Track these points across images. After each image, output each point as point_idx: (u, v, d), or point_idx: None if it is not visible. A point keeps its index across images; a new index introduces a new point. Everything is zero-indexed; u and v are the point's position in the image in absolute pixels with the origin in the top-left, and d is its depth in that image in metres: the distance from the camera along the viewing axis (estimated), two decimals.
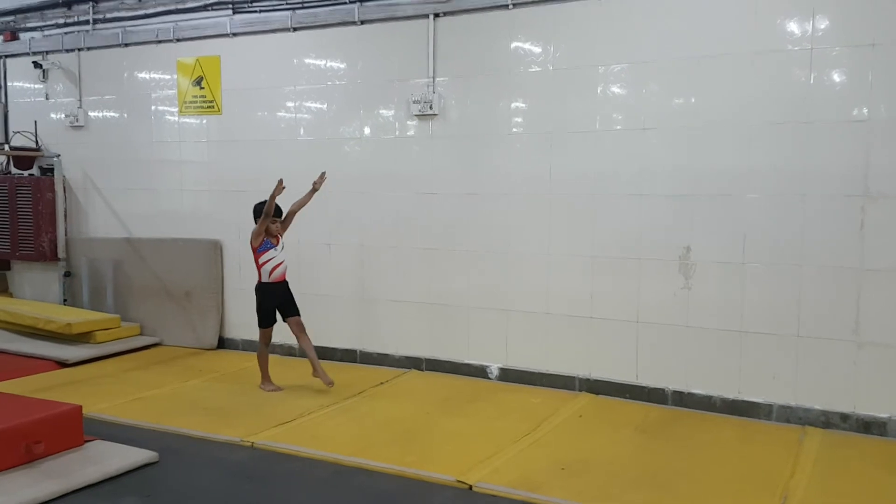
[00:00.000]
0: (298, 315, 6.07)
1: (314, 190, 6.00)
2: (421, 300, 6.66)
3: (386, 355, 6.88)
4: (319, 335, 7.16)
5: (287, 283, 6.15)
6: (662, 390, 5.67)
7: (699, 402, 5.52)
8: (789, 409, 5.24)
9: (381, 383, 6.28)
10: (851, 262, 4.99)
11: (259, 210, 5.98)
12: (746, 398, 5.37)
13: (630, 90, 5.70)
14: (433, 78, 6.47)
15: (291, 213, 6.09)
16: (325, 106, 7.03)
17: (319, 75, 7.03)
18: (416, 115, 6.55)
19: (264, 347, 6.14)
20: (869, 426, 5.01)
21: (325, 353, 7.14)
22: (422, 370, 6.69)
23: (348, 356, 7.08)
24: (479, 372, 6.43)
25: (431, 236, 6.57)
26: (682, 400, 5.59)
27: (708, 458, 4.58)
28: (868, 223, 4.93)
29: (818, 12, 5.04)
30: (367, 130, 6.85)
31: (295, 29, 7.02)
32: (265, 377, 6.11)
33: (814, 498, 3.98)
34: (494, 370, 6.36)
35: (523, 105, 6.14)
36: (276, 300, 6.05)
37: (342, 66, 6.93)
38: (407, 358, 6.79)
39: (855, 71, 4.97)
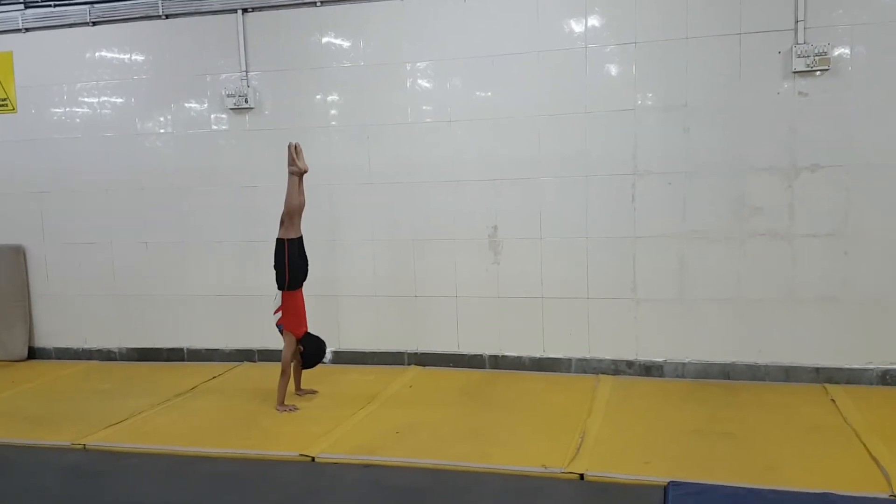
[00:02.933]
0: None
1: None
2: (247, 293, 6.75)
3: (215, 350, 6.91)
4: (143, 336, 7.07)
5: None
6: (481, 356, 6.27)
7: (512, 363, 6.19)
8: (585, 361, 6.04)
9: (214, 377, 6.33)
10: (626, 231, 5.84)
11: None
12: (550, 355, 6.10)
13: (436, 85, 6.18)
14: (246, 72, 6.57)
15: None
16: (132, 101, 6.87)
17: (123, 70, 6.85)
18: (231, 109, 6.61)
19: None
20: (649, 370, 5.92)
21: (149, 355, 7.04)
22: (255, 361, 6.80)
23: (175, 355, 7.01)
24: None
25: (255, 229, 6.66)
26: (498, 363, 6.22)
27: (521, 409, 5.20)
28: (637, 197, 5.81)
29: (590, 14, 5.79)
30: (178, 125, 6.80)
31: (94, 23, 6.78)
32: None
33: (606, 430, 4.70)
34: (328, 354, 6.62)
35: (339, 98, 6.43)
36: None
37: (148, 60, 6.80)
38: (238, 351, 6.86)
39: (622, 66, 5.79)
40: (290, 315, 5.39)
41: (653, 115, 5.75)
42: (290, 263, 5.35)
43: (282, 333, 5.44)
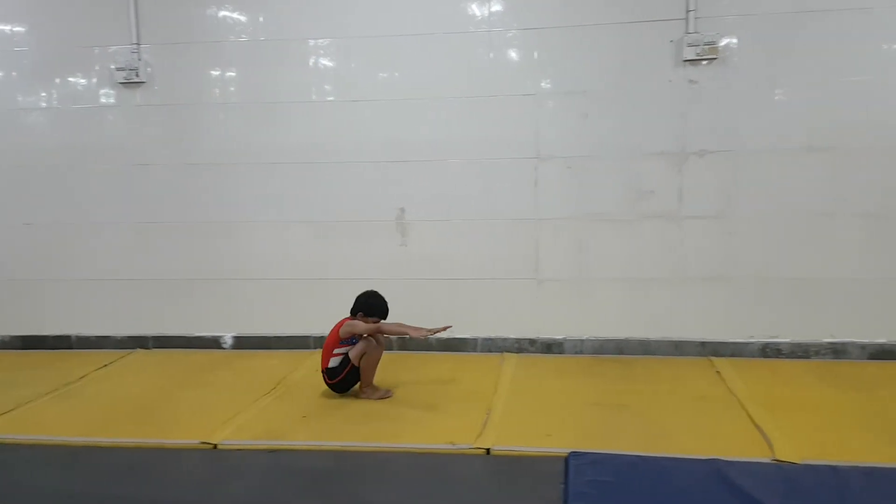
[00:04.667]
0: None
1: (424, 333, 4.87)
2: (139, 276, 6.48)
3: (106, 337, 6.59)
4: (26, 323, 6.67)
5: None
6: (389, 338, 6.25)
7: (420, 344, 6.14)
8: (491, 340, 6.16)
9: (105, 365, 6.04)
10: (529, 214, 5.98)
11: (370, 308, 5.12)
12: (458, 336, 6.16)
13: (339, 63, 6.09)
14: (137, 44, 6.25)
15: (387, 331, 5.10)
16: (13, 74, 6.43)
17: (3, 41, 6.42)
18: (121, 83, 6.29)
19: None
20: (550, 347, 6.11)
21: (35, 343, 6.65)
22: (149, 348, 6.53)
23: (62, 343, 6.64)
24: (213, 343, 6.46)
25: (148, 210, 6.39)
26: (406, 344, 6.23)
27: (429, 388, 5.26)
28: (540, 181, 5.95)
29: None
30: (63, 100, 6.40)
31: None
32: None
33: (511, 406, 4.83)
34: (228, 339, 6.46)
35: (237, 75, 6.22)
36: None
37: (30, 31, 6.37)
38: (130, 338, 6.57)
39: (524, 51, 5.89)
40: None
41: (554, 101, 5.89)
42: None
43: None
